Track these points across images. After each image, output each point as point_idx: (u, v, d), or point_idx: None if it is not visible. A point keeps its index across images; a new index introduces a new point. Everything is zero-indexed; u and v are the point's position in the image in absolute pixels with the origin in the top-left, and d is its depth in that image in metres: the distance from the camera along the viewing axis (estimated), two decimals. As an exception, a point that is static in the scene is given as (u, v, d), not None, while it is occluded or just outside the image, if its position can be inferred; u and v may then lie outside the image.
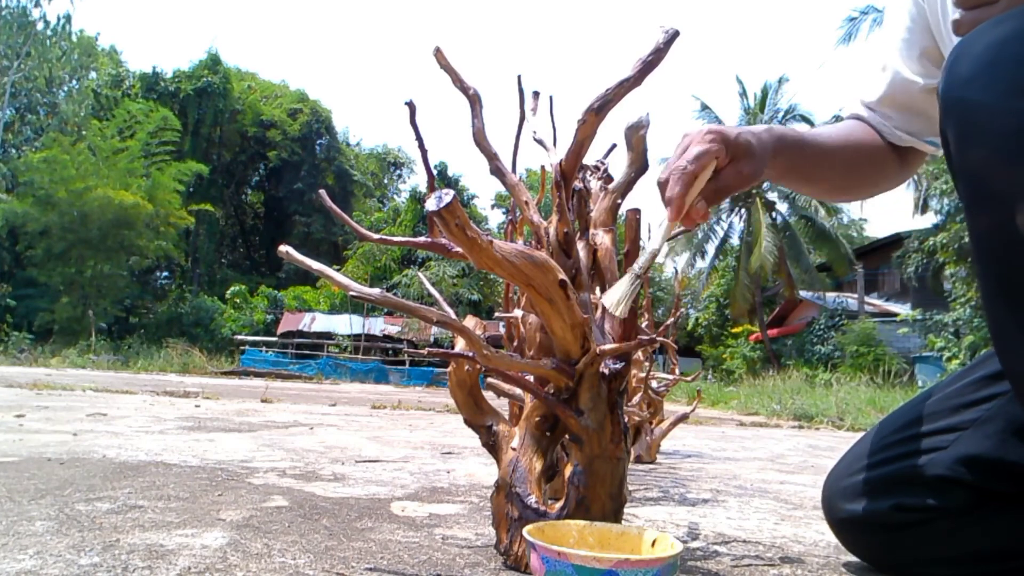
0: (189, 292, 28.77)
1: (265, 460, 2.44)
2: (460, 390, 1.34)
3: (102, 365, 15.98)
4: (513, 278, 1.06)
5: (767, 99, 24.32)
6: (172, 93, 31.07)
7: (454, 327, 1.14)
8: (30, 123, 27.76)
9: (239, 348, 21.70)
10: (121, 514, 1.42)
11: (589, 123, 1.23)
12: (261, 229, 37.61)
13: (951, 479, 1.06)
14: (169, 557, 1.11)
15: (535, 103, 1.60)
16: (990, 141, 0.68)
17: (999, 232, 0.70)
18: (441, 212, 0.92)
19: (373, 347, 22.67)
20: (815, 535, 1.63)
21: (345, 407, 6.44)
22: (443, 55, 1.37)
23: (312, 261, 1.32)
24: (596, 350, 1.15)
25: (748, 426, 7.41)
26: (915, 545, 1.13)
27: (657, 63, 1.18)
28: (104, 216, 21.62)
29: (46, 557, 1.07)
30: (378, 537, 1.34)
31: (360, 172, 37.75)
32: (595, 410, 1.15)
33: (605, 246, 1.43)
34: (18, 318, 20.80)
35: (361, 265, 26.43)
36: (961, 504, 1.06)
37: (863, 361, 17.16)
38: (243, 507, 1.56)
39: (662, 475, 2.74)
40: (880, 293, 25.00)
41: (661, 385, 3.57)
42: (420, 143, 1.38)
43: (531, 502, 1.14)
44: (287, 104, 36.19)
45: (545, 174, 1.79)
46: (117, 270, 23.20)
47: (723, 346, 24.84)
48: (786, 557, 1.37)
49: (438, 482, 2.17)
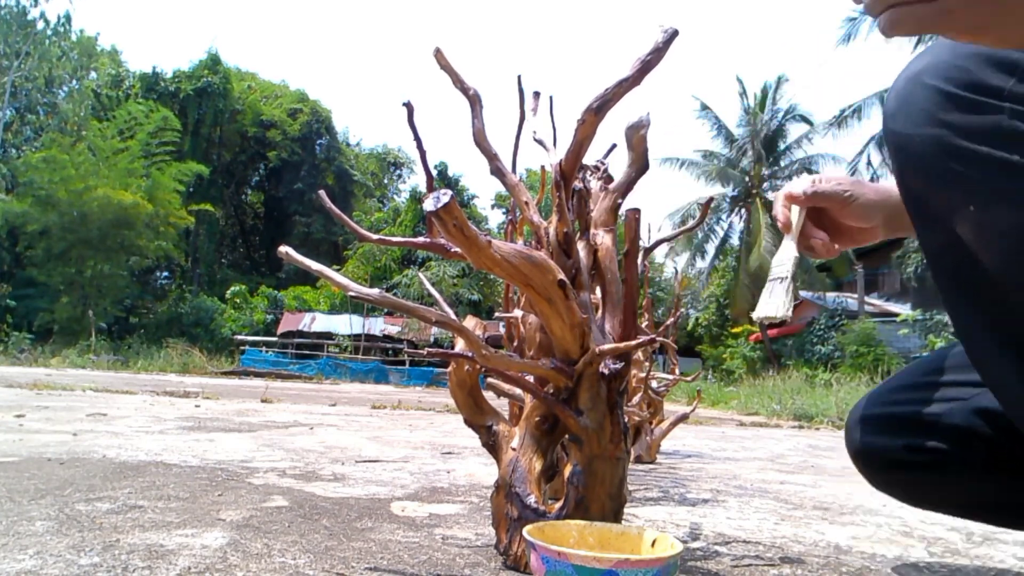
0: (189, 292, 28.77)
1: (265, 460, 2.44)
2: (460, 390, 1.34)
3: (102, 365, 15.98)
4: (512, 278, 1.06)
5: (767, 99, 24.30)
6: (172, 93, 31.07)
7: (454, 327, 1.14)
8: (30, 123, 27.77)
9: (239, 348, 21.70)
10: (121, 514, 1.42)
11: (588, 123, 1.23)
12: (261, 229, 37.61)
13: (968, 429, 1.06)
14: (169, 557, 1.11)
15: (535, 103, 1.60)
16: (916, 167, 0.74)
17: (949, 249, 0.75)
18: (439, 212, 0.92)
19: (373, 347, 22.68)
20: (815, 535, 1.63)
21: (345, 407, 6.44)
22: (443, 55, 1.37)
23: (312, 261, 1.32)
24: (595, 350, 1.15)
25: (748, 426, 7.41)
26: (924, 484, 1.14)
27: (656, 63, 1.18)
28: (104, 216, 21.63)
29: (46, 557, 1.07)
30: (378, 537, 1.34)
31: (360, 172, 37.75)
32: (594, 410, 1.15)
33: (606, 246, 1.43)
34: (18, 318, 20.80)
35: (361, 265, 26.43)
36: (976, 458, 1.07)
37: (863, 361, 17.15)
38: (243, 507, 1.56)
39: (662, 475, 2.74)
40: (880, 293, 24.99)
41: (661, 385, 3.57)
42: (419, 143, 1.38)
43: (531, 502, 1.14)
44: (287, 104, 36.19)
45: (545, 174, 1.79)
46: (117, 270, 23.21)
47: (723, 346, 24.82)
48: (786, 557, 1.37)
49: (438, 482, 2.17)
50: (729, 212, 24.72)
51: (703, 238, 24.73)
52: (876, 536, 1.69)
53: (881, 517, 1.97)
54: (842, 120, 20.47)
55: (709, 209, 8.13)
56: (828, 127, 21.69)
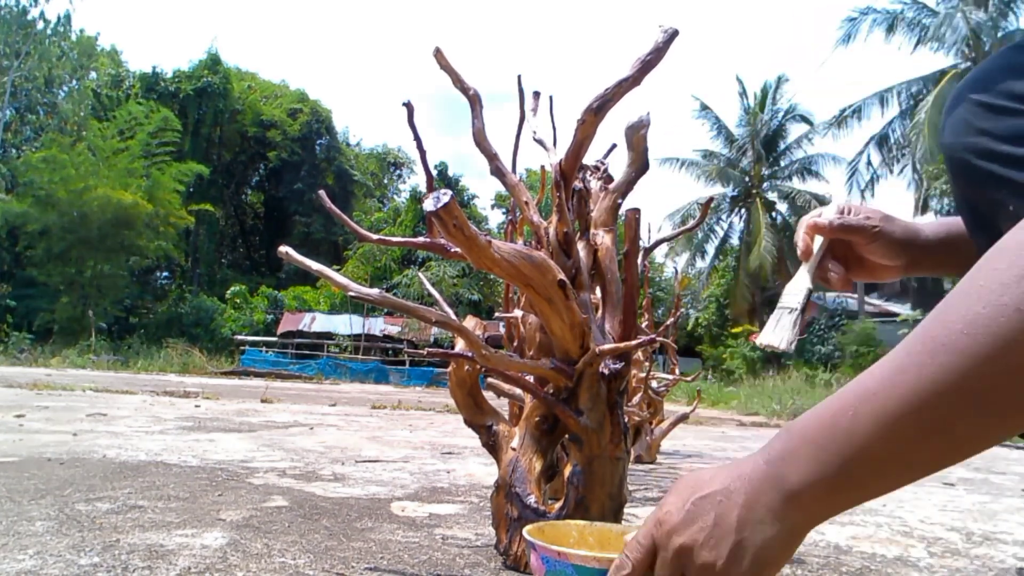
0: (189, 292, 28.75)
1: (265, 460, 2.44)
2: (460, 390, 1.34)
3: (102, 365, 15.98)
4: (512, 278, 1.06)
5: (767, 99, 24.29)
6: (172, 93, 31.04)
7: (454, 327, 1.14)
8: (30, 123, 27.75)
9: (239, 348, 21.68)
10: (121, 514, 1.42)
11: (588, 123, 1.23)
12: (261, 229, 37.59)
13: None
14: (169, 557, 1.11)
15: (535, 103, 1.60)
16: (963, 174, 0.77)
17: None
18: (439, 212, 0.92)
19: (373, 347, 22.66)
20: (815, 535, 1.63)
21: (345, 407, 6.43)
22: (443, 56, 1.37)
23: (312, 261, 1.32)
24: (595, 350, 1.15)
25: (748, 426, 7.41)
26: None
27: (656, 63, 1.18)
28: (104, 216, 21.61)
29: (46, 557, 1.07)
30: (378, 537, 1.34)
31: (360, 172, 37.73)
32: (594, 410, 1.15)
33: (606, 246, 1.43)
34: (18, 318, 20.78)
35: (361, 265, 26.41)
36: None
37: (863, 361, 17.14)
38: (243, 507, 1.56)
39: (662, 475, 2.74)
40: (880, 293, 24.99)
41: (661, 385, 3.57)
42: (419, 144, 1.38)
43: (531, 502, 1.14)
44: (287, 104, 36.17)
45: (545, 174, 1.79)
46: (117, 270, 23.19)
47: (723, 346, 24.80)
48: (786, 557, 1.37)
49: (438, 482, 2.17)
50: (729, 212, 24.72)
51: (703, 238, 24.72)
52: (876, 536, 1.68)
53: (881, 517, 1.97)
54: (842, 120, 20.45)
55: (709, 209, 8.09)
56: (828, 127, 21.68)
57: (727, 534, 0.47)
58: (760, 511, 0.46)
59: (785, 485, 0.45)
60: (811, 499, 0.45)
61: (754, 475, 0.47)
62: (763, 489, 0.46)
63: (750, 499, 0.47)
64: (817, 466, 0.44)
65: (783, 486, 0.45)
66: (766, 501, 0.46)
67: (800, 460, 0.45)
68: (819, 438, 0.45)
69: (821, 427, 0.45)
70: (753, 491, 0.47)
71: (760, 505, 0.46)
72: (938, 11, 17.59)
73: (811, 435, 0.45)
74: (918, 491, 2.78)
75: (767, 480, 0.46)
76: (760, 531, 0.46)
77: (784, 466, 0.46)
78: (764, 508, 0.46)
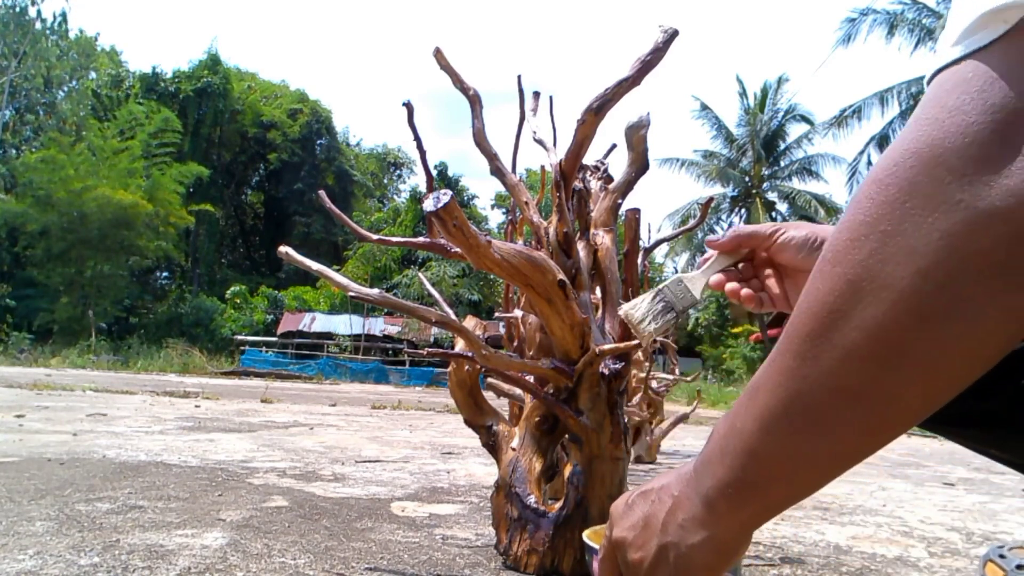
0: (189, 292, 28.75)
1: (265, 460, 2.44)
2: (460, 390, 1.34)
3: (102, 365, 15.98)
4: (512, 278, 1.06)
5: (767, 99, 24.30)
6: (172, 93, 31.04)
7: (454, 327, 1.14)
8: (29, 123, 27.74)
9: (239, 348, 21.68)
10: (121, 514, 1.42)
11: (588, 123, 1.23)
12: (261, 229, 37.59)
13: None
14: (169, 557, 1.11)
15: (535, 103, 1.60)
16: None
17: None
18: (439, 212, 0.92)
19: (373, 347, 22.66)
20: (815, 535, 1.63)
21: (345, 407, 6.43)
22: (443, 56, 1.37)
23: (311, 262, 1.32)
24: (595, 350, 1.16)
25: (748, 426, 7.41)
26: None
27: (656, 63, 1.18)
28: (104, 216, 21.61)
29: (46, 557, 1.07)
30: (378, 537, 1.34)
31: (360, 172, 37.73)
32: (594, 410, 1.15)
33: (606, 246, 1.43)
34: (18, 318, 20.77)
35: (361, 265, 26.40)
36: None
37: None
38: (243, 507, 1.56)
39: (662, 475, 2.74)
40: (880, 293, 24.94)
41: (661, 385, 3.57)
42: (419, 144, 1.38)
43: (531, 502, 1.14)
44: (287, 104, 36.16)
45: (545, 174, 1.79)
46: (117, 270, 23.18)
47: (723, 346, 24.80)
48: (786, 557, 1.37)
49: (438, 482, 2.17)
50: (729, 212, 24.72)
51: (703, 238, 24.73)
52: (876, 536, 1.69)
53: (881, 517, 1.97)
54: (842, 120, 20.44)
55: (709, 209, 8.08)
56: (828, 127, 21.68)
57: (653, 535, 0.46)
58: (681, 515, 0.44)
59: (702, 490, 0.43)
60: (725, 506, 0.42)
61: (685, 478, 0.46)
62: (687, 493, 0.44)
63: (676, 502, 0.45)
64: (723, 470, 0.42)
65: (702, 491, 0.43)
66: (689, 506, 0.44)
67: (713, 464, 0.43)
68: (723, 441, 0.43)
69: (727, 430, 0.43)
70: (680, 494, 0.45)
71: (682, 510, 0.44)
72: (938, 11, 17.59)
73: (719, 438, 0.43)
74: (918, 491, 2.78)
75: (690, 484, 0.45)
76: (684, 536, 0.44)
77: (704, 470, 0.44)
78: (687, 513, 0.44)
